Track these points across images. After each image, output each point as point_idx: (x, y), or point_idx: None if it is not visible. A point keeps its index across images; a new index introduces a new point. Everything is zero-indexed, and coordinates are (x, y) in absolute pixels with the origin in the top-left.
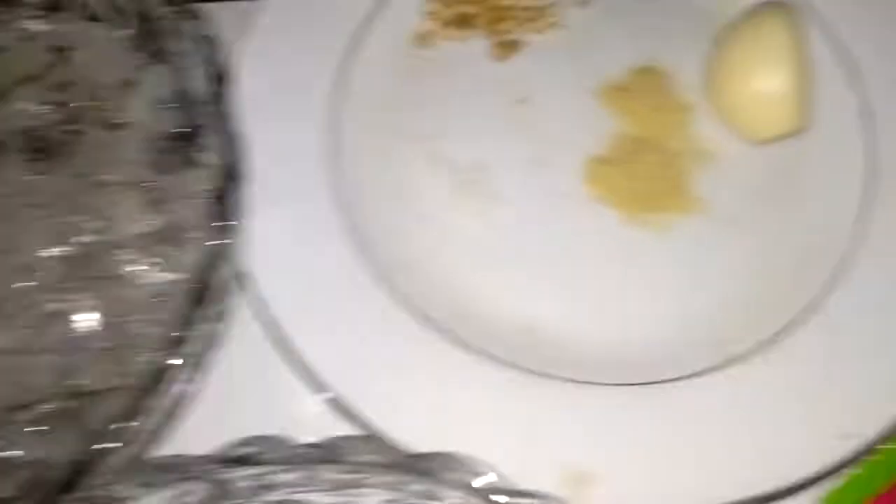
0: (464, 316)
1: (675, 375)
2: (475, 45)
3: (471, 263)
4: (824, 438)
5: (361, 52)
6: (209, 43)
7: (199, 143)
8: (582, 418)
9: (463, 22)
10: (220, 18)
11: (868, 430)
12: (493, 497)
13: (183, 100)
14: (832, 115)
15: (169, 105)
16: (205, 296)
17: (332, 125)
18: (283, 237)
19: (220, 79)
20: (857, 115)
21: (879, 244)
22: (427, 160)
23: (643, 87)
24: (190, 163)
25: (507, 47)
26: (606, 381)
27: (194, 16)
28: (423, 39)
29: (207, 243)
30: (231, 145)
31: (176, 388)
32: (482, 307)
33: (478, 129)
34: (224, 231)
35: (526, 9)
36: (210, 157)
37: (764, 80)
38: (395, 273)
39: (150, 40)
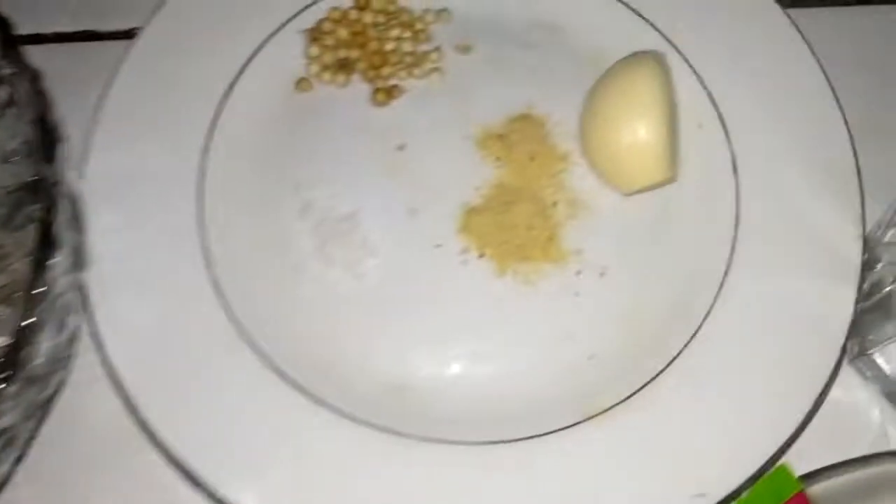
0: (330, 374)
1: (538, 432)
2: (356, 90)
3: (339, 319)
4: (681, 497)
5: (236, 98)
6: (40, 97)
7: (38, 198)
8: (442, 478)
9: (343, 67)
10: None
11: (721, 489)
12: None
13: (23, 154)
14: (702, 166)
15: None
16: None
17: (200, 172)
18: (137, 290)
19: (52, 133)
20: (726, 166)
21: (738, 302)
22: (299, 210)
23: (521, 135)
24: (28, 220)
25: (387, 93)
26: (467, 440)
27: (24, 68)
28: (302, 85)
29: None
30: (67, 197)
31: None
32: (350, 364)
33: (353, 177)
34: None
35: (407, 54)
36: (46, 210)
37: (632, 132)
38: (258, 329)
39: None
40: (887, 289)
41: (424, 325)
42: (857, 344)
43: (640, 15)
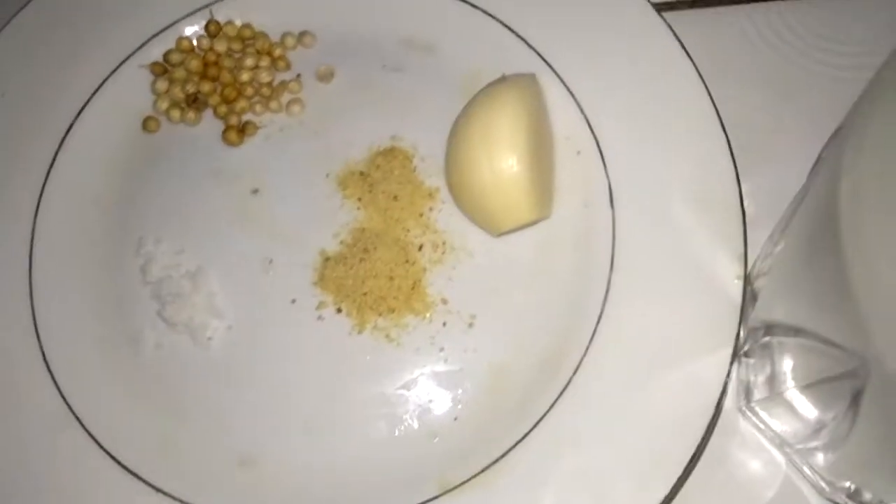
0: (170, 454)
1: None
2: (207, 128)
3: (179, 391)
4: None
5: (74, 141)
6: None
7: None
8: None
9: (194, 102)
10: None
11: None
12: None
13: None
14: (579, 198)
15: None
16: None
17: (30, 224)
18: None
19: None
20: (603, 198)
21: (611, 353)
22: (140, 268)
23: (385, 172)
24: None
25: (240, 131)
26: None
27: None
28: (149, 124)
29: None
30: None
31: None
32: (192, 441)
33: (201, 229)
34: None
35: (264, 85)
36: None
37: (494, 171)
38: (89, 405)
39: None
40: (764, 339)
41: (274, 393)
42: (743, 393)
43: (514, 32)
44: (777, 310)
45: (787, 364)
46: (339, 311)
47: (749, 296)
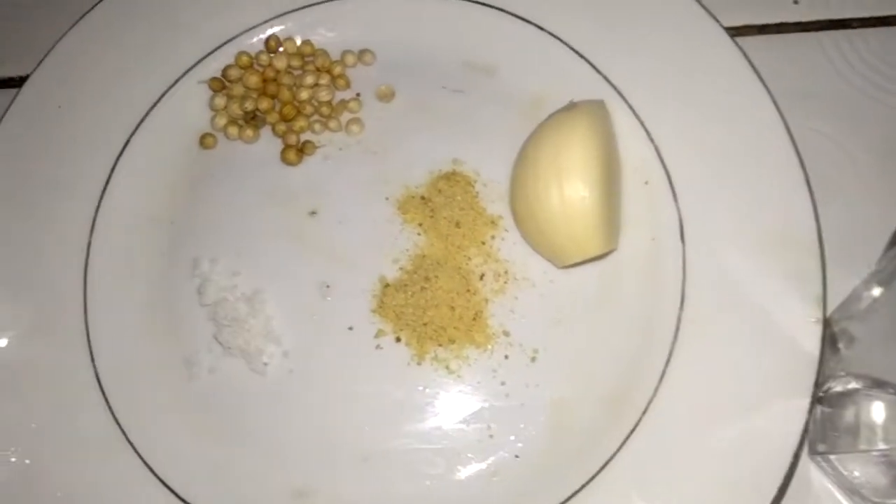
0: (224, 482)
1: None
2: (266, 147)
3: (235, 418)
4: None
5: (130, 159)
6: None
7: None
8: None
9: (252, 120)
10: None
11: None
12: None
13: None
14: (647, 231)
15: None
16: None
17: (85, 245)
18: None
19: None
20: (673, 231)
21: (682, 392)
22: (196, 290)
23: (446, 197)
24: None
25: (299, 150)
26: None
27: None
28: (206, 141)
29: None
30: None
31: None
32: (247, 469)
33: (258, 250)
34: None
35: (323, 104)
36: None
37: (564, 201)
38: (142, 431)
39: None
40: (844, 388)
41: (330, 423)
42: (817, 439)
43: (581, 56)
44: (875, 362)
45: (876, 417)
46: (398, 340)
47: (828, 339)
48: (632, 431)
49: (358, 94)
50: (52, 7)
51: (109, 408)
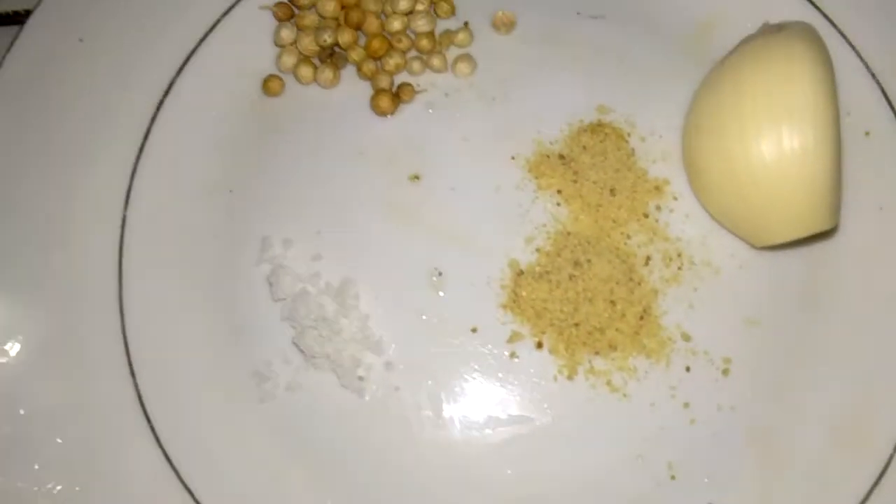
0: None
1: None
2: (348, 92)
3: (323, 445)
4: None
5: (175, 103)
6: None
7: None
8: None
9: (331, 57)
10: None
11: None
12: None
13: None
14: (872, 201)
15: None
16: None
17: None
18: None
19: None
20: None
21: None
22: (267, 278)
23: (593, 155)
24: None
25: (394, 96)
26: None
27: None
28: (271, 85)
29: None
30: None
31: None
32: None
33: (345, 226)
34: None
35: (422, 35)
36: None
37: (786, 158)
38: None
39: None
40: None
41: (452, 458)
42: None
43: None
44: None
45: None
46: (538, 346)
47: None
48: (880, 476)
49: (466, 23)
50: None
51: (157, 439)
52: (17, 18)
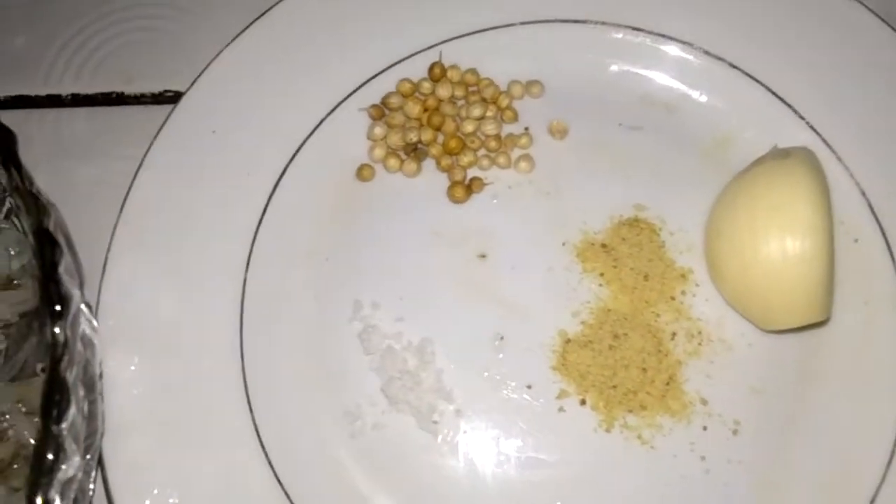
0: None
1: None
2: (428, 181)
3: (404, 478)
4: None
5: (284, 193)
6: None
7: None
8: None
9: (414, 151)
10: None
11: None
12: None
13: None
14: (861, 295)
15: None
16: None
17: (240, 289)
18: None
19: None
20: (891, 296)
21: None
22: (358, 336)
23: (631, 246)
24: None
25: (467, 187)
26: None
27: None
28: (363, 172)
29: None
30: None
31: None
32: None
33: (424, 294)
34: None
35: (490, 137)
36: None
37: (786, 259)
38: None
39: None
40: None
41: (508, 493)
42: None
43: (777, 96)
44: None
45: None
46: (582, 402)
47: None
48: None
49: (527, 129)
50: (215, 20)
51: (268, 461)
52: (161, 99)
